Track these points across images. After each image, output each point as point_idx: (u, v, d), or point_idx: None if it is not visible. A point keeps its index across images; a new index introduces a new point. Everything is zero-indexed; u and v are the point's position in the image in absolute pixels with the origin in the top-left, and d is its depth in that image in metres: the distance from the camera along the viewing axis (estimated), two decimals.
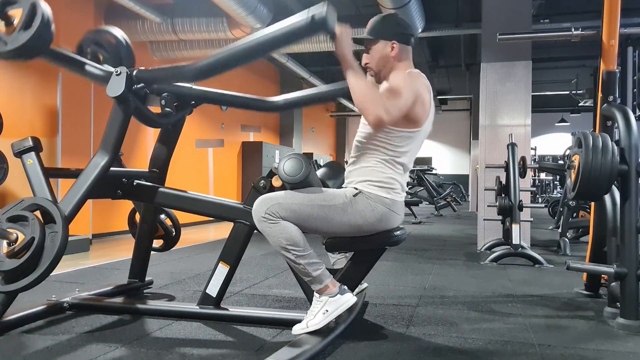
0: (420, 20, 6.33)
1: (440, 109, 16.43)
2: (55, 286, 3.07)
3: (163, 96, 2.37)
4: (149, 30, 6.03)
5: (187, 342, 2.08)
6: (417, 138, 2.05)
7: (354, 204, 1.98)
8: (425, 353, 1.96)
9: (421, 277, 3.54)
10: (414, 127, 2.00)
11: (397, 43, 2.05)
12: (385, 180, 2.00)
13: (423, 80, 2.02)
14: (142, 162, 6.50)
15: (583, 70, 10.68)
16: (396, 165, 2.02)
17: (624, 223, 2.31)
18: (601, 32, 2.78)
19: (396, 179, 2.02)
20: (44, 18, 2.06)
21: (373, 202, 1.98)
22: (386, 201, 2.00)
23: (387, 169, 2.01)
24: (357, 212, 1.98)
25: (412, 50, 2.12)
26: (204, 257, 4.41)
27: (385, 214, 2.00)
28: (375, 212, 1.98)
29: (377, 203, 1.98)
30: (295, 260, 1.96)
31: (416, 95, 1.94)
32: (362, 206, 1.98)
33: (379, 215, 1.99)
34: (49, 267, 1.95)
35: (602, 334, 2.24)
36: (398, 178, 2.03)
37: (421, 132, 2.05)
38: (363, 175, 2.02)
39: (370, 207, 1.98)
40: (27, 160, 2.30)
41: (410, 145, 2.04)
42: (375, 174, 2.00)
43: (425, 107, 2.00)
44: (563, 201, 6.26)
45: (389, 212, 2.01)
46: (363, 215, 1.98)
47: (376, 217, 1.99)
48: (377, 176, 2.00)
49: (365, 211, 1.98)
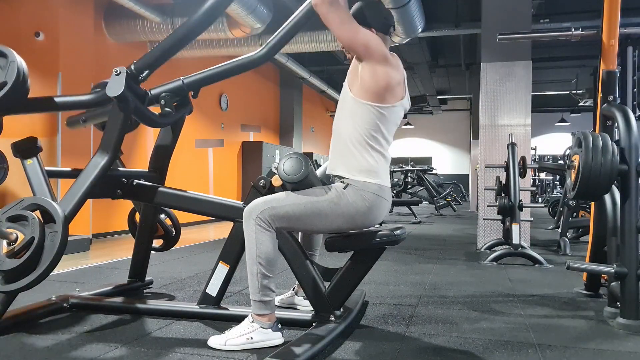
0: (420, 20, 6.33)
1: (440, 109, 16.47)
2: (55, 286, 3.07)
3: (163, 96, 2.37)
4: (149, 30, 6.03)
5: (187, 342, 2.08)
6: (391, 117, 2.05)
7: (344, 196, 1.99)
8: (425, 353, 1.96)
9: (421, 277, 3.54)
10: (383, 102, 2.01)
11: (376, 31, 2.08)
12: (365, 165, 2.01)
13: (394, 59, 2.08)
14: (142, 162, 6.50)
15: (583, 70, 10.69)
16: (376, 147, 2.02)
17: (624, 223, 2.30)
18: (601, 32, 2.77)
19: (377, 164, 2.03)
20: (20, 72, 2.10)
21: (361, 191, 1.99)
22: (374, 187, 2.00)
23: (367, 153, 2.01)
24: (349, 203, 1.99)
25: (389, 41, 2.15)
26: (204, 257, 4.41)
27: (374, 200, 2.01)
28: (365, 201, 1.99)
29: (366, 191, 2.00)
30: (257, 275, 1.96)
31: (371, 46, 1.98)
32: (352, 197, 1.99)
33: (369, 203, 2.00)
34: (49, 266, 1.95)
35: (602, 334, 2.24)
36: (379, 164, 2.03)
37: (394, 110, 2.05)
38: (347, 164, 2.03)
39: (360, 196, 1.99)
40: (27, 160, 2.30)
41: (386, 126, 2.04)
42: (359, 161, 2.01)
43: (391, 77, 2.01)
44: (563, 201, 6.25)
45: (377, 198, 2.02)
46: (355, 205, 1.99)
47: (366, 206, 2.00)
48: (360, 163, 2.01)
49: (357, 201, 1.99)
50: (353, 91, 2.04)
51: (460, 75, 12.19)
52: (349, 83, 2.08)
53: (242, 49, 6.63)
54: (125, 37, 6.23)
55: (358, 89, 2.02)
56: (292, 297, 2.58)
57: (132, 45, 6.50)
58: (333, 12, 1.95)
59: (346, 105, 2.07)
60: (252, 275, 1.97)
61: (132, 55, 4.89)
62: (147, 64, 2.28)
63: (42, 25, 5.10)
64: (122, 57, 6.26)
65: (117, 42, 6.33)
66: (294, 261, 2.25)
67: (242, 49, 6.63)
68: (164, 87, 2.40)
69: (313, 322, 2.17)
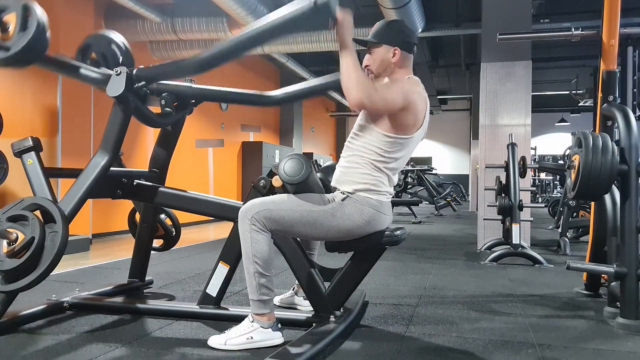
0: (420, 20, 6.33)
1: (440, 109, 16.46)
2: (55, 286, 3.07)
3: (163, 96, 2.37)
4: (149, 30, 6.04)
5: (187, 342, 2.08)
6: (409, 145, 2.05)
7: (342, 208, 1.98)
8: (425, 353, 1.96)
9: (421, 277, 3.54)
10: (404, 134, 2.00)
11: (400, 50, 2.06)
12: (372, 183, 2.00)
13: (419, 90, 2.03)
14: (142, 162, 6.50)
15: (583, 70, 10.68)
16: (385, 170, 2.02)
17: (624, 223, 2.31)
18: (601, 32, 2.78)
19: (384, 182, 2.03)
20: (39, 19, 2.05)
21: (360, 205, 1.98)
22: (373, 203, 2.00)
23: (376, 172, 2.01)
24: (345, 216, 1.98)
25: (413, 59, 2.13)
26: (204, 257, 4.41)
27: (373, 215, 2.00)
28: (363, 215, 1.98)
29: (365, 206, 1.98)
30: (254, 274, 1.96)
31: (408, 101, 1.94)
32: (350, 210, 1.98)
33: (368, 217, 1.99)
34: (49, 266, 1.95)
35: (602, 334, 2.24)
36: (386, 181, 2.04)
37: (413, 139, 2.05)
38: (352, 179, 2.02)
39: (359, 210, 1.98)
40: (27, 160, 2.30)
41: (401, 152, 2.04)
42: (364, 177, 2.00)
43: (418, 116, 2.00)
44: (563, 201, 6.26)
45: (376, 213, 2.01)
46: (352, 218, 1.98)
47: (365, 220, 1.99)
48: (365, 179, 2.00)
49: (354, 214, 1.98)
50: (376, 122, 2.00)
51: (460, 75, 12.19)
52: None
53: None
54: (125, 37, 6.16)
55: (382, 121, 1.99)
56: (292, 297, 2.59)
57: (132, 45, 6.40)
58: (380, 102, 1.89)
59: (367, 128, 2.03)
60: (249, 275, 1.97)
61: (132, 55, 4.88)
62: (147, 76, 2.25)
63: None
64: None
65: None
66: (293, 261, 2.26)
67: None
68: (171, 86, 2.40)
69: (313, 322, 2.17)
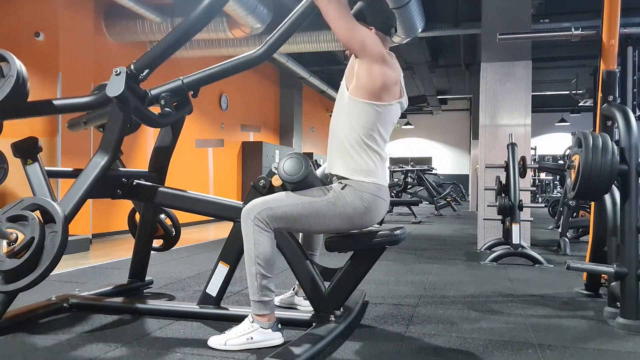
0: (420, 20, 6.33)
1: (440, 109, 16.47)
2: (55, 286, 3.07)
3: (163, 96, 2.37)
4: (149, 30, 6.03)
5: (187, 342, 2.08)
6: (384, 116, 2.04)
7: (342, 197, 2.00)
8: (425, 353, 1.96)
9: (421, 277, 3.54)
10: (381, 101, 2.01)
11: (376, 30, 2.09)
12: (363, 165, 2.01)
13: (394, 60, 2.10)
14: (142, 162, 6.50)
15: (583, 70, 10.67)
16: (368, 146, 2.02)
17: (624, 223, 2.31)
18: (601, 32, 2.77)
19: (374, 164, 2.03)
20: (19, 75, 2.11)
21: (360, 192, 2.00)
22: (371, 187, 2.01)
23: (362, 152, 2.01)
24: (347, 203, 1.99)
25: (389, 41, 2.16)
26: (204, 257, 4.41)
27: (373, 201, 2.01)
28: (363, 201, 2.00)
29: (365, 192, 2.00)
30: (256, 275, 1.96)
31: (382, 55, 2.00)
32: (350, 197, 1.99)
33: (368, 203, 2.00)
34: (49, 266, 1.95)
35: (602, 334, 2.24)
36: (376, 164, 2.04)
37: (391, 110, 2.05)
38: (341, 161, 2.04)
39: (359, 196, 1.99)
40: (27, 160, 2.30)
41: (378, 124, 2.03)
42: (353, 159, 2.01)
43: (390, 77, 2.02)
44: (563, 201, 6.26)
45: (375, 198, 2.02)
46: (353, 205, 1.99)
47: (365, 206, 2.00)
48: (355, 161, 2.01)
49: (355, 201, 1.99)
50: (350, 89, 2.04)
51: (460, 75, 12.18)
52: (346, 81, 2.08)
53: (242, 49, 6.63)
54: (125, 37, 6.23)
55: (354, 87, 2.02)
56: (292, 297, 2.59)
57: (132, 45, 6.50)
58: (332, 6, 1.97)
59: (343, 104, 2.07)
60: (251, 276, 1.97)
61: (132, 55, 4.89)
62: (146, 63, 2.28)
63: (42, 25, 5.10)
64: (122, 57, 6.26)
65: (117, 42, 6.33)
66: (294, 261, 2.25)
67: (242, 49, 6.63)
68: (164, 87, 2.40)
69: (313, 322, 2.17)
